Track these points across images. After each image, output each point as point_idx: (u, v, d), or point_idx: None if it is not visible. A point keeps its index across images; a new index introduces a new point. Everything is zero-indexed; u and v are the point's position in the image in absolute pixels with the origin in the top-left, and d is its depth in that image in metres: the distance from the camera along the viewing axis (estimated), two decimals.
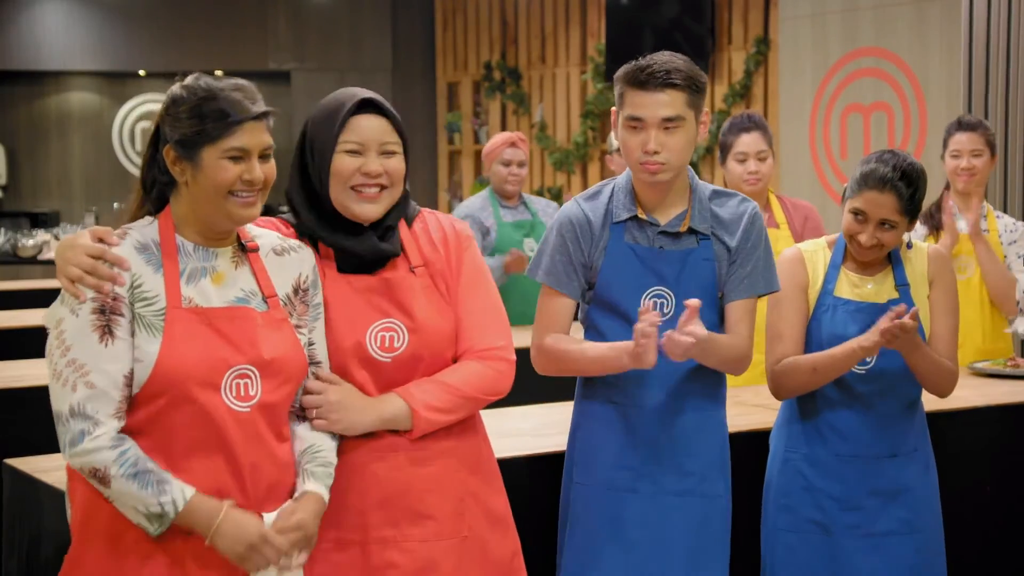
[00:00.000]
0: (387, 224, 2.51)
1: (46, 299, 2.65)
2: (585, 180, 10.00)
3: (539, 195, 9.99)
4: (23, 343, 5.27)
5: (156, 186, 2.32)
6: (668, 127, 2.81)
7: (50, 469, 2.91)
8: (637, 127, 2.84)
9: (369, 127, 2.47)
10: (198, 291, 2.28)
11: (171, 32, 10.87)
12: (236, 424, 2.25)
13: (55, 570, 2.32)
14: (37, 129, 11.54)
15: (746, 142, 4.33)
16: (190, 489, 2.20)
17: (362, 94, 2.49)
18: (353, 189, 2.46)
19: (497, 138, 5.61)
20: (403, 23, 11.15)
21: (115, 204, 11.36)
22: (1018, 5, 6.48)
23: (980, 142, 4.59)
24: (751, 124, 4.36)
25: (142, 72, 11.44)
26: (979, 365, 4.39)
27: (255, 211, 2.31)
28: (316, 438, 2.41)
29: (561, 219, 2.94)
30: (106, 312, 2.20)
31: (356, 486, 2.46)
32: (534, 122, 10.34)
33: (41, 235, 10.41)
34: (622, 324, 2.87)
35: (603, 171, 9.79)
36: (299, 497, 2.33)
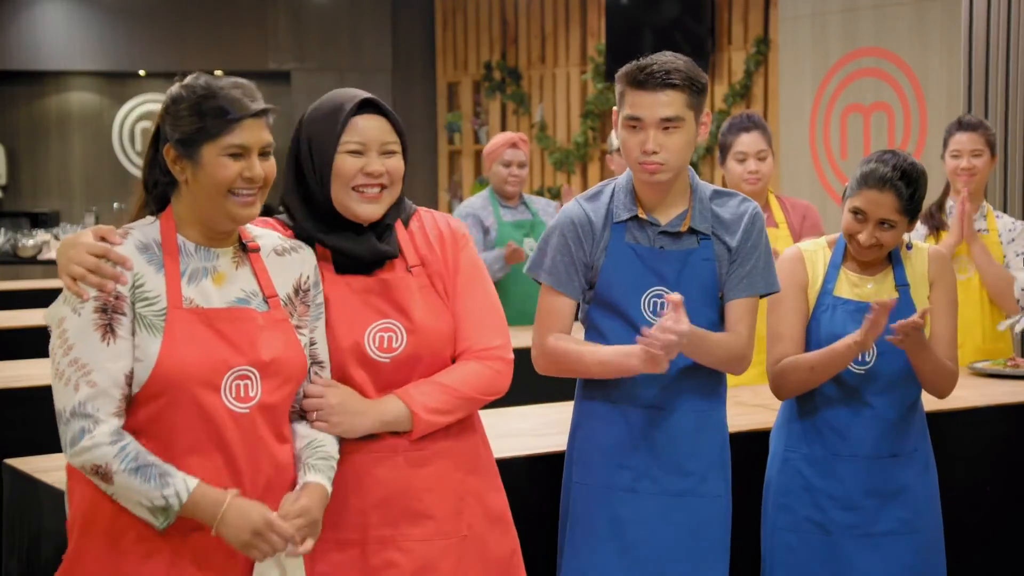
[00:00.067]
0: (385, 224, 2.52)
1: (46, 299, 2.64)
2: (585, 180, 10.00)
3: (539, 195, 9.99)
4: (23, 343, 5.27)
5: (158, 187, 2.32)
6: (667, 127, 2.81)
7: (50, 469, 2.91)
8: (636, 127, 2.84)
9: (370, 127, 2.47)
10: (199, 291, 2.28)
11: (171, 32, 10.87)
12: (235, 425, 2.25)
13: (55, 570, 2.32)
14: (37, 129, 11.53)
15: (746, 142, 4.34)
16: (193, 480, 2.19)
17: (361, 94, 2.50)
18: (355, 190, 2.46)
19: (498, 139, 5.61)
20: (403, 23, 11.14)
21: (115, 204, 11.36)
22: (1018, 5, 6.48)
23: (980, 142, 4.59)
24: (751, 124, 4.37)
25: (142, 72, 11.43)
26: (979, 365, 4.39)
27: (254, 211, 2.31)
28: (317, 434, 2.41)
29: (562, 219, 2.94)
30: (108, 311, 2.20)
31: (356, 487, 2.47)
32: (534, 122, 10.34)
33: (41, 235, 10.40)
34: (622, 324, 2.87)
35: (603, 171, 9.79)
36: (301, 488, 2.32)
